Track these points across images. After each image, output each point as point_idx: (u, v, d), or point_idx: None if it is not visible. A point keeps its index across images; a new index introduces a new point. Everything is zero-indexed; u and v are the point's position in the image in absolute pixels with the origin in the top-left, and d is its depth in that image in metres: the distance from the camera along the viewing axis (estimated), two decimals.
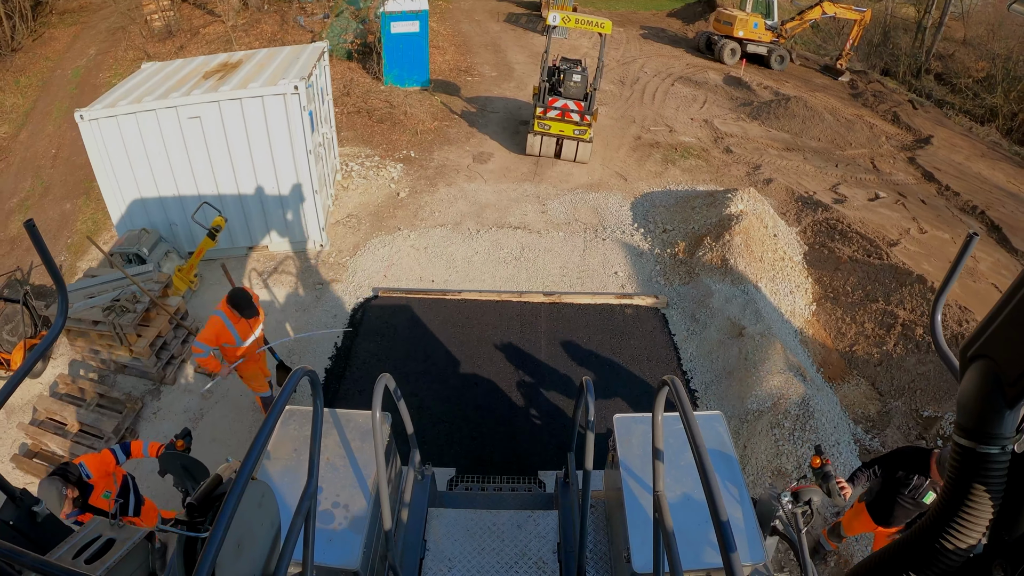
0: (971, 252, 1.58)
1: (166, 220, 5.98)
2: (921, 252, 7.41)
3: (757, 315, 5.12)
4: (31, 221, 1.48)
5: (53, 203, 8.09)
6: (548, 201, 7.29)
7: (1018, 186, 10.81)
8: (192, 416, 4.81)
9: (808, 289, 6.52)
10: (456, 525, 2.64)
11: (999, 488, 0.86)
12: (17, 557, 1.00)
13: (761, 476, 4.27)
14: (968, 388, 0.88)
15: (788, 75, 13.31)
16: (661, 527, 1.67)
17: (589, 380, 2.52)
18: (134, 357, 4.93)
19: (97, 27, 13.75)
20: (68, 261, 6.88)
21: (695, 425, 1.39)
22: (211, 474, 2.62)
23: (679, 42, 14.62)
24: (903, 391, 5.53)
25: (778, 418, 4.40)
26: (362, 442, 2.39)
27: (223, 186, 5.82)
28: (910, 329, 5.93)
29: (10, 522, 1.57)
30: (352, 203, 7.05)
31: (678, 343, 5.07)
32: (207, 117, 5.51)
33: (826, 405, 4.79)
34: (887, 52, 16.02)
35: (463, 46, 12.88)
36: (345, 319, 5.35)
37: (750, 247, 5.84)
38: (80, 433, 4.71)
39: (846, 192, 8.49)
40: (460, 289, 5.54)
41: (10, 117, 10.40)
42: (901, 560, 0.96)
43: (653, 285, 5.77)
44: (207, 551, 0.99)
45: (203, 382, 5.09)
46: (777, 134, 10.09)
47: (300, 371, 1.57)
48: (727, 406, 4.54)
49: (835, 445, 4.51)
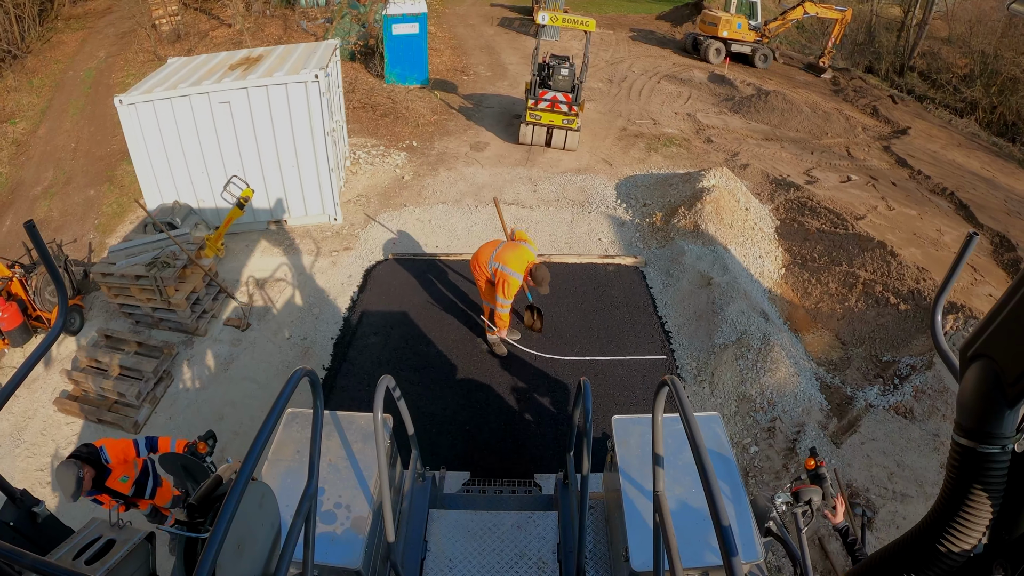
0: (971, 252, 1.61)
1: (194, 196, 6.95)
2: (887, 225, 8.42)
3: (724, 269, 6.10)
4: (31, 222, 1.58)
5: (77, 190, 9.07)
6: (539, 182, 8.33)
7: (992, 172, 11.92)
8: (223, 361, 5.70)
9: (778, 257, 7.51)
10: (457, 526, 2.76)
11: (999, 488, 0.88)
12: (17, 557, 1.02)
13: (728, 399, 5.18)
14: (968, 388, 0.90)
15: (771, 73, 14.58)
16: (661, 527, 1.72)
17: (587, 382, 2.61)
18: (172, 309, 5.84)
19: (104, 32, 14.98)
20: (97, 239, 7.81)
21: (695, 426, 1.42)
22: (214, 469, 2.98)
23: (667, 43, 15.95)
24: (863, 340, 6.48)
25: (742, 351, 5.33)
26: (364, 444, 2.52)
27: (248, 165, 6.81)
28: (870, 287, 6.91)
29: (10, 523, 1.61)
30: (361, 185, 8.06)
31: (654, 294, 6.03)
32: (236, 102, 6.54)
33: (787, 344, 5.72)
34: (871, 51, 17.39)
35: (459, 48, 14.13)
36: (358, 281, 6.29)
37: (720, 215, 6.84)
38: (120, 377, 5.55)
39: (819, 175, 9.56)
40: (461, 252, 6.50)
41: (27, 115, 11.46)
42: (901, 560, 0.98)
43: (633, 248, 6.77)
44: (207, 551, 1.02)
45: (232, 333, 6.00)
46: (757, 126, 11.23)
47: (300, 371, 1.60)
48: (696, 343, 5.48)
49: (795, 376, 5.42)
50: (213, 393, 5.41)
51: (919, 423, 5.24)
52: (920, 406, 5.36)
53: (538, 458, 4.39)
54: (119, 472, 3.32)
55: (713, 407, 5.12)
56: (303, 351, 5.58)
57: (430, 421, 4.64)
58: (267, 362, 5.59)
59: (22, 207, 9.03)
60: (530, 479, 3.89)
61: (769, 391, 5.24)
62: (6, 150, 10.47)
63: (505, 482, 3.70)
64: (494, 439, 4.56)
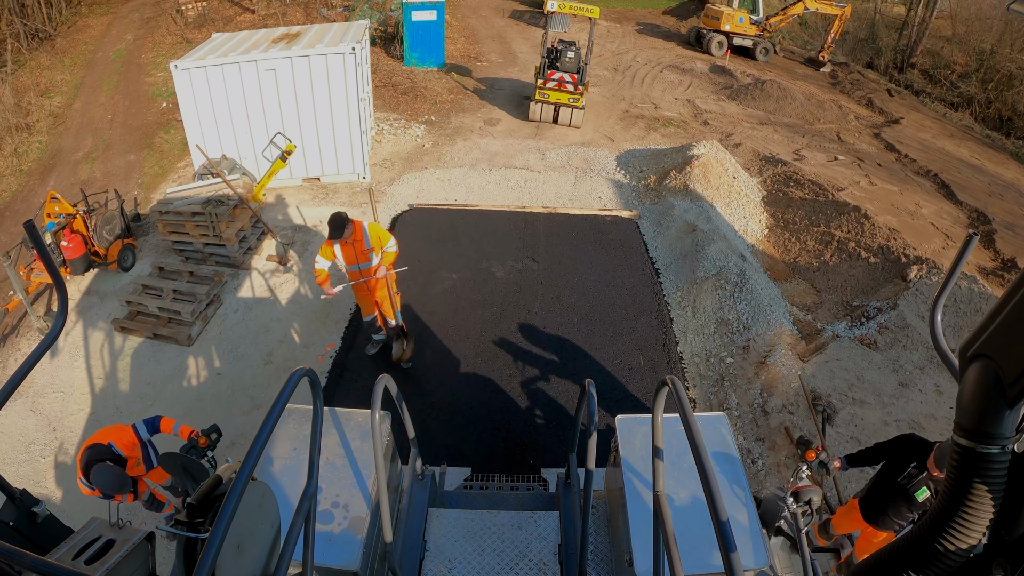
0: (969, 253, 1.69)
1: (238, 152, 8.27)
2: (866, 197, 9.67)
3: (708, 219, 7.36)
4: (30, 222, 1.63)
5: (117, 155, 10.41)
6: (547, 152, 9.66)
7: (981, 160, 13.18)
8: (267, 288, 6.94)
9: (762, 220, 8.78)
10: (456, 525, 2.84)
11: (999, 488, 0.93)
12: (17, 557, 1.07)
13: (708, 322, 6.39)
14: (968, 388, 0.95)
15: (772, 66, 16.02)
16: (661, 529, 1.76)
17: (591, 382, 2.68)
18: (222, 243, 7.10)
19: (128, 17, 16.54)
20: (142, 195, 9.11)
21: (695, 425, 1.48)
22: (215, 464, 3.25)
23: (672, 37, 17.47)
24: (836, 288, 7.70)
25: (720, 282, 6.56)
26: (362, 441, 2.57)
27: (288, 126, 8.14)
28: (844, 245, 8.16)
29: (10, 523, 1.67)
30: (386, 151, 9.40)
31: (646, 240, 7.29)
32: (281, 70, 7.89)
33: (763, 282, 6.94)
34: (872, 47, 18.88)
35: (472, 38, 15.63)
36: (387, 225, 7.57)
37: (708, 178, 8.13)
38: (174, 299, 6.76)
39: (807, 155, 10.87)
40: (478, 204, 7.79)
41: (62, 90, 12.88)
42: (901, 560, 1.05)
43: (629, 205, 8.06)
44: (207, 551, 1.08)
45: (274, 267, 7.25)
46: (753, 112, 12.59)
47: (300, 371, 1.67)
48: (682, 275, 6.71)
49: (768, 306, 6.61)
50: (259, 313, 6.64)
51: (882, 352, 6.41)
52: (883, 338, 6.53)
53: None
54: (133, 460, 3.52)
55: (695, 329, 6.33)
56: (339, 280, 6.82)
57: (437, 357, 5.70)
58: (307, 288, 6.83)
59: (65, 169, 10.36)
60: (536, 474, 4.08)
61: (745, 317, 6.45)
62: (44, 121, 11.86)
63: (505, 478, 3.83)
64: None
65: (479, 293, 6.34)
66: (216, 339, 6.37)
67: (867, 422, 5.56)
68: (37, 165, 10.57)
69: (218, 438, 3.35)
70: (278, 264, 7.29)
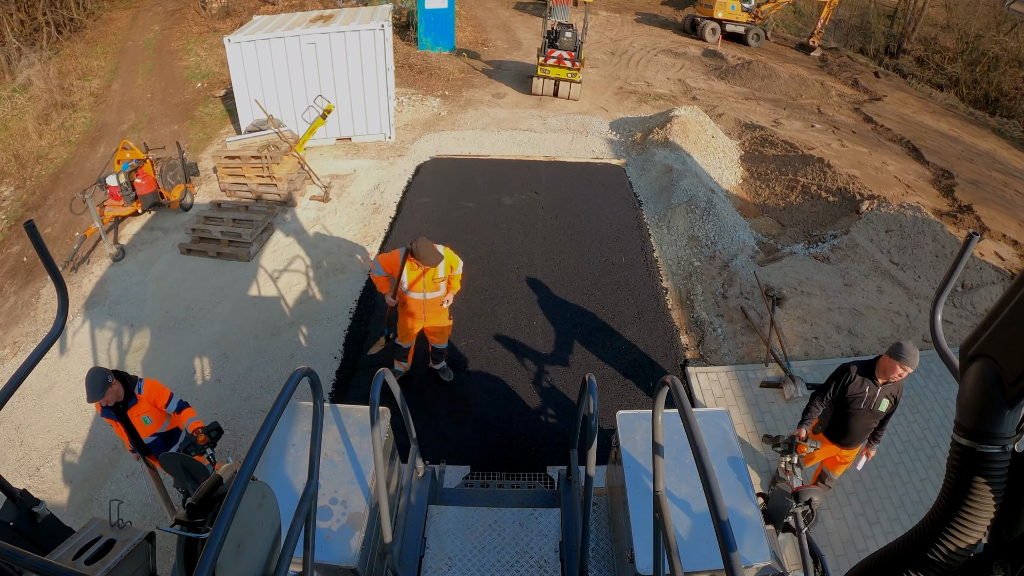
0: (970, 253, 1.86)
1: (280, 115, 10.53)
2: (835, 155, 11.82)
3: (683, 163, 9.53)
4: (31, 222, 1.79)
5: (161, 126, 12.70)
6: (548, 119, 11.92)
7: (959, 133, 15.32)
8: (313, 220, 9.07)
9: (738, 173, 10.94)
10: (457, 523, 2.99)
11: (999, 488, 0.99)
12: (17, 557, 1.14)
13: (681, 237, 8.46)
14: (968, 387, 1.02)
15: (763, 51, 18.41)
16: (662, 527, 1.92)
17: (592, 377, 2.79)
18: (274, 183, 9.26)
19: (152, 10, 19.15)
20: (189, 155, 11.33)
21: (694, 423, 1.61)
22: (214, 461, 3.53)
23: (668, 25, 19.97)
24: (799, 223, 9.81)
25: (690, 207, 8.68)
26: (361, 438, 2.71)
27: (324, 92, 10.40)
28: (807, 188, 10.29)
29: (10, 523, 1.81)
30: (406, 119, 11.68)
31: (631, 181, 9.45)
32: (320, 44, 10.20)
33: (728, 210, 9.04)
34: (864, 34, 21.31)
35: (479, 27, 18.13)
36: (412, 172, 9.77)
37: (686, 133, 10.33)
38: (233, 224, 8.86)
39: (785, 123, 13.09)
40: (488, 154, 10.01)
41: (99, 74, 15.29)
42: (901, 560, 1.12)
43: (618, 156, 10.24)
44: (207, 552, 1.15)
45: (318, 204, 9.41)
46: (740, 89, 14.88)
47: (300, 371, 1.84)
48: (659, 204, 8.84)
49: (733, 229, 8.69)
50: (306, 238, 8.76)
51: (832, 265, 8.42)
52: (835, 255, 8.55)
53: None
54: (144, 409, 3.70)
55: (669, 242, 8.41)
56: (374, 210, 8.97)
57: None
58: (348, 216, 8.98)
59: (113, 139, 12.63)
60: (541, 470, 4.34)
61: (712, 235, 8.53)
62: (85, 100, 14.22)
63: (506, 476, 4.06)
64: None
65: (491, 214, 8.49)
66: (269, 259, 8.47)
67: (812, 307, 7.44)
68: (84, 136, 12.85)
69: (218, 436, 3.58)
70: (321, 202, 9.45)
